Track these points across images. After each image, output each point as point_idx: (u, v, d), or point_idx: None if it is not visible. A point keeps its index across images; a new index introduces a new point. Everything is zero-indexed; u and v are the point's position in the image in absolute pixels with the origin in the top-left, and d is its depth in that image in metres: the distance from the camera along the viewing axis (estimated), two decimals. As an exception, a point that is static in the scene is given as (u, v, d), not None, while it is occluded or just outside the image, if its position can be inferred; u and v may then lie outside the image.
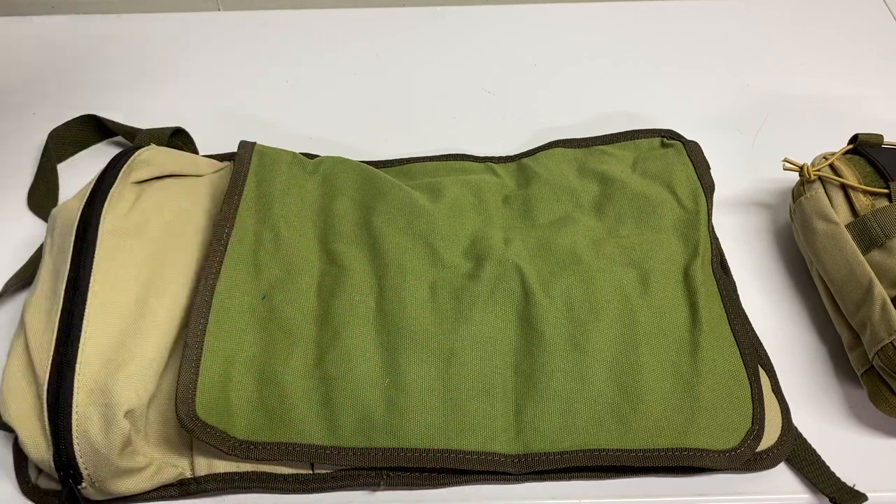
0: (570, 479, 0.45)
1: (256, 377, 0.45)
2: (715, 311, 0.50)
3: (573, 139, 0.62)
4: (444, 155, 0.62)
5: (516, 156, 0.62)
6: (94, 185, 0.51)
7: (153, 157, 0.54)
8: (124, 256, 0.48)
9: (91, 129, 0.66)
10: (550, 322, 0.48)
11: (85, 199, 0.50)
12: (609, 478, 0.45)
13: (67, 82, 0.73)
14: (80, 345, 0.43)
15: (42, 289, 0.47)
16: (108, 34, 0.78)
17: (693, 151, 0.59)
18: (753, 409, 0.45)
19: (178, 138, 0.64)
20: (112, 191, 0.50)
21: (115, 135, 0.67)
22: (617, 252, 0.52)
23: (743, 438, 0.44)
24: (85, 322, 0.44)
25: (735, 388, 0.46)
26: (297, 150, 0.60)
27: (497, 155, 0.63)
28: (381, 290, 0.49)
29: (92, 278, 0.46)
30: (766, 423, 0.46)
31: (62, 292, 0.45)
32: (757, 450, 0.45)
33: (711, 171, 0.59)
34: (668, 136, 0.61)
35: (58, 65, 0.75)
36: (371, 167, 0.58)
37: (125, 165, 0.52)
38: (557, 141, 0.62)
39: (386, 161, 0.62)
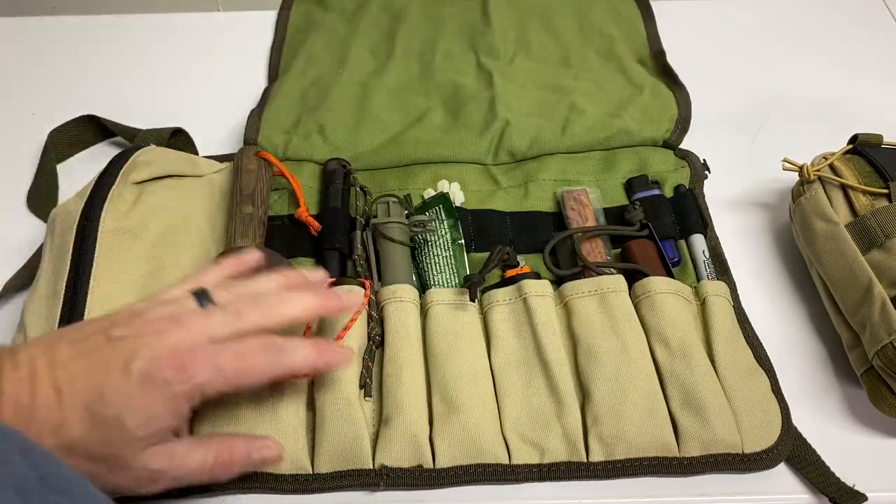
0: (570, 478, 0.45)
1: None
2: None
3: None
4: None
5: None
6: (94, 185, 0.51)
7: (153, 158, 0.54)
8: (124, 256, 0.48)
9: (91, 129, 0.66)
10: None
11: (85, 200, 0.49)
12: (611, 477, 0.45)
13: (67, 82, 0.73)
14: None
15: (42, 290, 0.47)
16: (108, 34, 0.78)
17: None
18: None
19: (177, 138, 0.64)
20: (112, 191, 0.50)
21: (115, 135, 0.67)
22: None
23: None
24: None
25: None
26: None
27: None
28: None
29: (92, 278, 0.46)
30: (765, 424, 0.46)
31: (62, 293, 0.45)
32: (757, 448, 0.45)
33: (711, 171, 0.60)
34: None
35: (58, 65, 0.75)
36: None
37: (125, 166, 0.52)
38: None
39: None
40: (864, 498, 0.44)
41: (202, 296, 0.40)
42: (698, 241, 0.56)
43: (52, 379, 0.35)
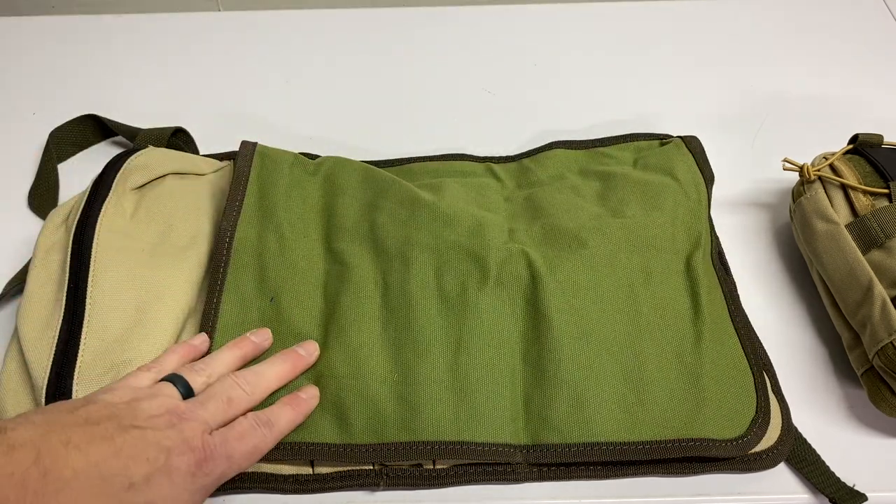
0: (571, 478, 0.45)
1: None
2: (716, 304, 0.50)
3: (573, 141, 0.62)
4: (445, 155, 0.62)
5: (517, 156, 0.62)
6: (88, 197, 0.51)
7: (149, 161, 0.54)
8: (123, 261, 0.48)
9: (91, 129, 0.66)
10: (558, 307, 0.48)
11: (79, 213, 0.49)
12: (611, 477, 0.45)
13: (67, 82, 0.73)
14: (80, 349, 0.43)
15: (36, 294, 0.47)
16: (108, 34, 0.78)
17: (692, 144, 0.59)
18: (757, 397, 0.46)
19: (178, 138, 0.64)
20: (106, 203, 0.50)
21: (115, 135, 0.67)
22: (621, 235, 0.51)
23: (748, 427, 0.45)
24: (85, 327, 0.44)
25: (738, 377, 0.47)
26: (298, 150, 0.59)
27: (497, 155, 0.63)
28: (386, 285, 0.49)
29: (90, 285, 0.46)
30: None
31: (63, 298, 0.45)
32: (757, 449, 0.45)
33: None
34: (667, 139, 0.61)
35: (58, 65, 0.75)
36: (372, 166, 0.58)
37: (119, 173, 0.52)
38: (558, 142, 0.62)
39: (386, 161, 0.62)
40: (864, 498, 0.44)
41: (179, 382, 0.42)
42: (698, 241, 0.56)
43: (67, 460, 0.34)
